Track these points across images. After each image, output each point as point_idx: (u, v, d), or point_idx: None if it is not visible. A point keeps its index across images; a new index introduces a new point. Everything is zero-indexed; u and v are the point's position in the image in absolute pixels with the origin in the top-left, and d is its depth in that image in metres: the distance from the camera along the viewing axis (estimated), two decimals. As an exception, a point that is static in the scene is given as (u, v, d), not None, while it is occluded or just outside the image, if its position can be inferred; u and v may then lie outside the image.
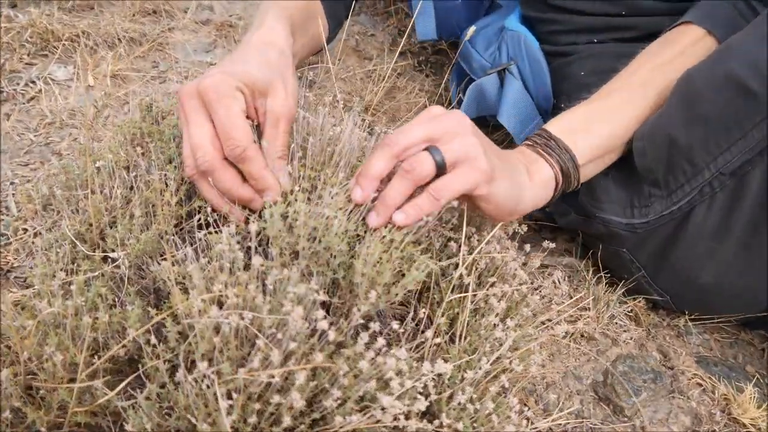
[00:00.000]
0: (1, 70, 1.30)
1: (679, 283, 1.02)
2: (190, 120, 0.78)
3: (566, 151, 0.92)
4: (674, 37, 1.01)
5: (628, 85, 0.98)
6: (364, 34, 1.77)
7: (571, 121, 0.96)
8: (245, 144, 0.76)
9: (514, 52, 1.24)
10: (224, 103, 0.76)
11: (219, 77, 0.77)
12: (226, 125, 0.76)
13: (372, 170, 0.76)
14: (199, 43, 1.57)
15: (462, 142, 0.77)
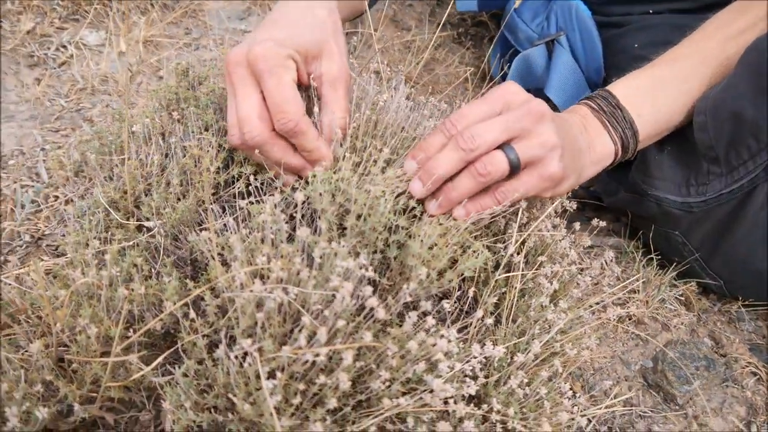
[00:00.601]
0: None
1: (735, 268, 0.97)
2: (238, 90, 0.73)
3: (630, 126, 0.88)
4: (744, 7, 0.94)
5: (697, 54, 0.92)
6: (402, 3, 1.71)
7: (639, 87, 0.90)
8: (297, 118, 0.72)
9: (564, 22, 1.19)
10: (276, 73, 0.72)
11: (269, 45, 0.72)
12: (277, 98, 0.71)
13: (440, 170, 0.71)
14: (234, 10, 1.53)
15: (539, 142, 0.73)
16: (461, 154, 0.70)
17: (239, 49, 0.73)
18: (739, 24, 0.92)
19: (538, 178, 0.74)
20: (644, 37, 1.12)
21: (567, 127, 0.81)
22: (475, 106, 0.73)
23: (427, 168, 0.71)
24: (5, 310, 0.73)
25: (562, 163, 0.74)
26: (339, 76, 0.77)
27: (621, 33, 1.16)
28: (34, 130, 1.08)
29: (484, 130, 0.70)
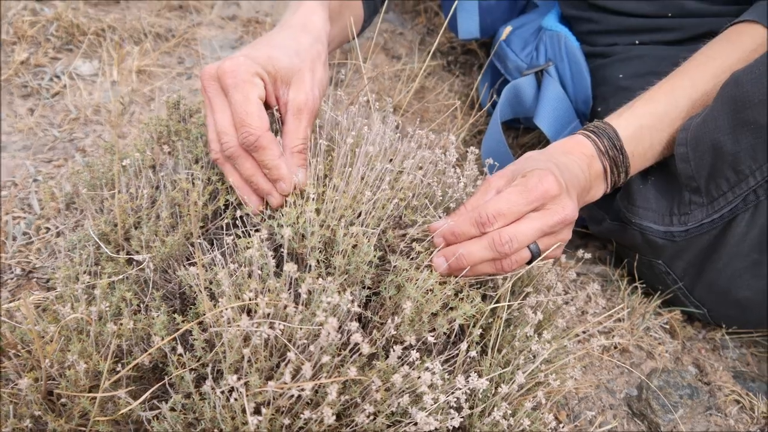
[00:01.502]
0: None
1: (717, 297, 0.98)
2: (214, 104, 0.76)
3: (626, 169, 0.91)
4: (735, 37, 0.96)
5: (692, 88, 0.94)
6: (393, 32, 1.74)
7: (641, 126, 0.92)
8: (259, 132, 0.73)
9: (553, 52, 1.21)
10: (241, 88, 0.73)
11: (239, 60, 0.74)
12: (241, 112, 0.73)
13: (471, 262, 0.74)
14: (226, 39, 1.55)
15: (562, 237, 0.78)
16: (494, 254, 0.74)
17: (213, 64, 0.76)
18: (729, 56, 0.94)
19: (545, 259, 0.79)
20: (629, 68, 1.14)
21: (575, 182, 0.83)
22: (513, 200, 0.74)
23: (460, 258, 0.74)
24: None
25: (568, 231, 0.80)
26: (304, 106, 0.78)
27: (606, 63, 1.18)
28: (26, 160, 1.09)
29: (522, 236, 0.73)
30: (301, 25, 0.86)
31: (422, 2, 1.84)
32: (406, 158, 0.88)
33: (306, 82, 0.79)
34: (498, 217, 0.73)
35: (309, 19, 0.88)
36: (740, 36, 0.96)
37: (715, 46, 0.97)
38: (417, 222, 0.83)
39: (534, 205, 0.74)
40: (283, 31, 0.85)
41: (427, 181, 0.89)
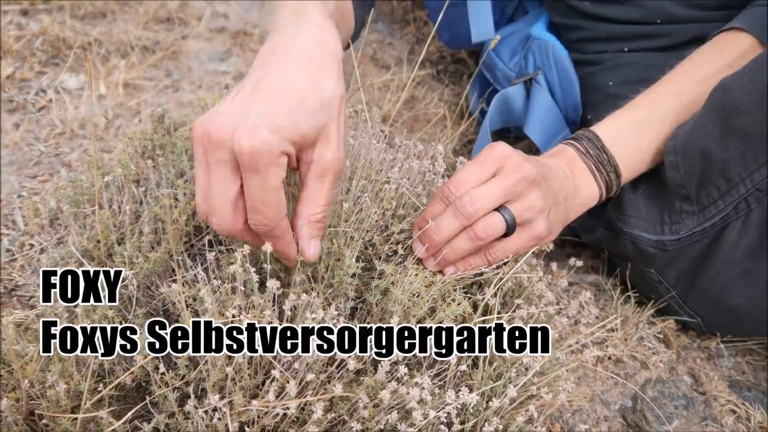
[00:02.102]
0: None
1: (710, 305, 0.97)
2: (212, 173, 0.63)
3: (614, 169, 0.91)
4: (722, 44, 0.96)
5: (676, 95, 0.94)
6: (382, 42, 1.73)
7: (622, 129, 0.93)
8: (273, 224, 0.64)
9: (541, 61, 1.20)
10: (263, 173, 0.61)
11: (266, 139, 0.61)
12: (257, 198, 0.63)
13: (440, 236, 0.75)
14: (214, 51, 1.54)
15: (530, 205, 0.77)
16: (461, 220, 0.74)
17: (226, 124, 0.62)
18: (716, 63, 0.93)
19: (526, 238, 0.79)
20: (618, 75, 1.13)
21: (553, 177, 0.83)
22: (471, 170, 0.76)
23: (429, 232, 0.75)
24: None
25: (547, 222, 0.80)
26: (330, 166, 0.67)
27: (596, 71, 1.17)
28: (11, 176, 1.08)
29: (482, 195, 0.74)
30: (315, 54, 0.70)
31: (411, 12, 1.84)
32: (392, 168, 0.87)
33: (333, 138, 0.68)
34: (459, 186, 0.75)
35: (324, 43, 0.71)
36: (727, 43, 0.96)
37: (702, 53, 0.97)
38: (404, 230, 0.83)
39: (491, 169, 0.76)
40: (297, 66, 0.68)
41: (415, 191, 0.88)
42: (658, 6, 1.11)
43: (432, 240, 0.76)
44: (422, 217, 0.78)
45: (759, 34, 0.93)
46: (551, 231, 0.82)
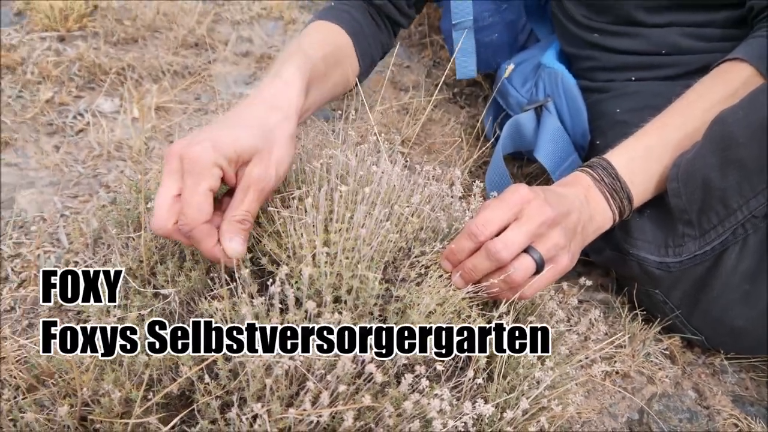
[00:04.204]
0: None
1: (713, 325, 1.03)
2: (163, 180, 0.78)
3: (627, 195, 0.96)
4: (724, 74, 1.02)
5: (683, 125, 0.99)
6: (400, 65, 1.80)
7: (634, 158, 0.98)
8: (193, 225, 0.75)
9: (551, 89, 1.26)
10: (196, 177, 0.76)
11: (204, 147, 0.76)
12: (185, 201, 0.76)
13: (477, 276, 0.83)
14: (240, 75, 1.62)
15: (554, 239, 0.84)
16: (494, 263, 0.82)
17: (179, 143, 0.78)
18: (719, 92, 0.99)
19: (553, 273, 0.86)
20: (626, 103, 1.19)
21: (572, 210, 0.89)
22: (495, 210, 0.83)
23: (467, 276, 0.84)
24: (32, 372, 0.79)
25: (570, 254, 0.87)
26: (252, 181, 0.80)
27: (604, 98, 1.23)
28: (54, 196, 1.15)
29: (513, 241, 0.81)
30: (272, 101, 0.88)
31: (428, 36, 1.91)
32: (414, 194, 0.93)
33: (263, 161, 0.81)
34: (485, 224, 0.82)
35: (282, 95, 0.90)
36: (728, 73, 1.01)
37: (705, 83, 1.02)
38: (425, 252, 0.88)
39: (513, 210, 0.83)
40: (254, 106, 0.87)
41: (434, 215, 0.94)
42: (664, 38, 1.17)
43: (468, 277, 0.83)
44: (450, 250, 0.85)
45: (758, 64, 0.99)
46: (573, 261, 0.89)
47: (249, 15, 1.88)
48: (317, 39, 1.11)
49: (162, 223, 0.76)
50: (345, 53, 1.17)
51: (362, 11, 1.24)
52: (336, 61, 1.12)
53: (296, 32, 1.84)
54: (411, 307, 0.80)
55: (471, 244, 0.83)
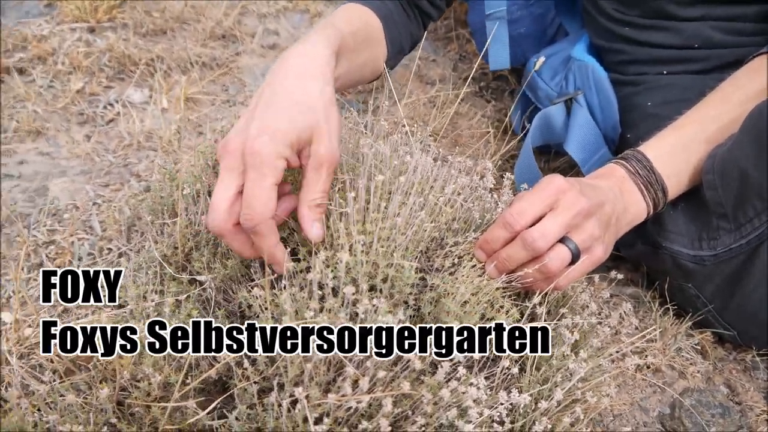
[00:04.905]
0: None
1: (746, 320, 1.02)
2: (220, 177, 0.76)
3: (662, 187, 0.96)
4: (759, 67, 1.01)
5: (718, 116, 0.99)
6: (426, 59, 1.80)
7: (669, 150, 0.98)
8: (259, 219, 0.73)
9: (581, 82, 1.26)
10: (260, 171, 0.73)
11: (264, 141, 0.74)
12: (250, 195, 0.73)
13: (513, 266, 0.83)
14: (266, 67, 1.62)
15: (589, 234, 0.84)
16: (530, 252, 0.81)
17: (236, 137, 0.75)
18: (755, 85, 0.98)
19: (588, 264, 0.86)
20: (658, 96, 1.19)
21: (606, 202, 0.88)
22: (531, 200, 0.83)
23: (502, 266, 0.83)
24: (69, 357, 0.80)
25: (604, 245, 0.87)
26: (324, 159, 0.78)
27: (636, 91, 1.22)
28: (86, 185, 1.16)
29: (549, 231, 0.81)
30: (303, 67, 0.84)
31: (454, 30, 1.90)
32: (447, 184, 0.93)
33: (324, 135, 0.79)
34: (521, 213, 0.82)
35: (311, 62, 0.85)
36: (762, 66, 1.00)
37: (739, 76, 1.02)
38: (459, 243, 0.88)
39: (548, 201, 0.82)
40: (287, 85, 0.82)
41: (467, 206, 0.94)
42: (697, 32, 1.16)
43: (502, 266, 0.83)
44: (484, 239, 0.85)
45: None
46: (607, 252, 0.89)
47: (275, 8, 1.88)
48: (347, 16, 1.10)
49: (220, 223, 0.74)
50: (375, 35, 1.16)
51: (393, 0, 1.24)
52: (366, 40, 1.10)
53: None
54: (445, 296, 0.80)
55: (506, 234, 0.83)
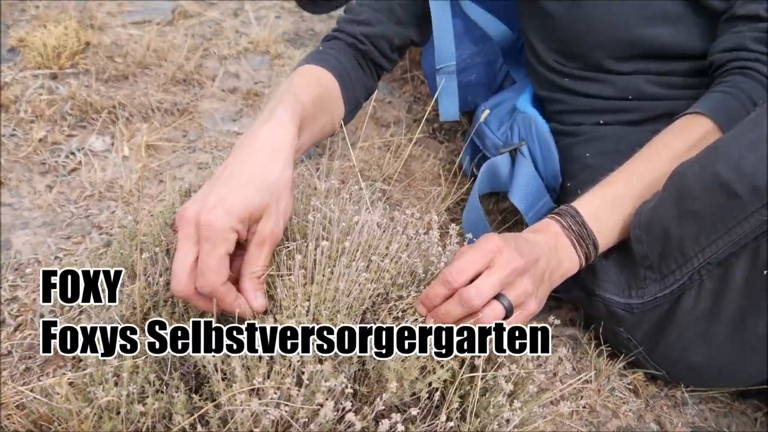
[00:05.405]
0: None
1: (673, 361, 1.10)
2: (179, 246, 0.83)
3: (593, 242, 1.03)
4: (686, 126, 1.09)
5: (647, 173, 1.07)
6: (382, 101, 1.87)
7: (600, 207, 1.06)
8: (213, 287, 0.81)
9: (525, 133, 1.33)
10: (213, 243, 0.81)
11: (218, 214, 0.81)
12: (203, 265, 0.81)
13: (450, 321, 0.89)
14: (227, 111, 1.67)
15: (523, 287, 0.91)
16: (466, 309, 0.88)
17: (192, 206, 0.83)
18: (679, 144, 1.06)
19: (521, 318, 0.93)
20: (594, 147, 1.27)
21: (541, 257, 0.95)
22: (469, 259, 0.89)
23: (440, 320, 0.90)
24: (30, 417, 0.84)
25: (537, 300, 0.95)
26: (267, 237, 0.86)
27: (575, 142, 1.31)
28: (48, 237, 1.20)
29: (485, 289, 0.88)
30: (270, 146, 0.92)
31: (409, 72, 1.98)
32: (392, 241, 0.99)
33: (273, 215, 0.87)
34: (459, 272, 0.89)
35: (278, 138, 0.93)
36: (689, 126, 1.09)
37: (668, 134, 1.10)
38: (402, 297, 0.95)
39: (485, 260, 0.89)
40: (254, 156, 0.90)
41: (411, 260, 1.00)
42: (631, 84, 1.25)
43: (441, 321, 0.90)
44: (425, 295, 0.91)
45: (716, 118, 1.06)
46: (540, 306, 0.96)
47: (236, 49, 1.94)
48: (306, 82, 1.17)
49: (184, 288, 0.82)
50: (332, 96, 1.23)
51: (348, 55, 1.30)
52: (324, 103, 1.18)
53: (282, 67, 1.91)
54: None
55: (445, 291, 0.89)
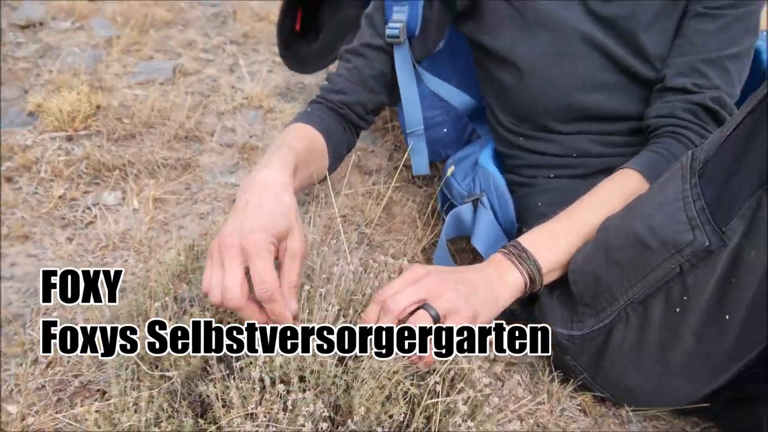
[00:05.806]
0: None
1: (612, 384, 1.26)
2: (226, 265, 0.99)
3: (534, 262, 1.18)
4: (621, 181, 1.27)
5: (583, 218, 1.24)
6: (365, 150, 2.05)
7: (539, 236, 1.22)
8: (274, 289, 0.98)
9: (485, 185, 1.52)
10: (262, 256, 0.98)
11: (259, 236, 0.99)
12: (261, 274, 0.97)
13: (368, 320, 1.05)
14: (224, 165, 1.86)
15: (446, 295, 1.05)
16: (389, 317, 1.04)
17: (231, 235, 1.00)
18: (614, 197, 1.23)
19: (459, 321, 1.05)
20: (546, 197, 1.45)
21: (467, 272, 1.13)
22: (398, 281, 1.07)
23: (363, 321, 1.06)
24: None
25: (469, 304, 1.07)
26: (297, 251, 1.05)
27: (530, 192, 1.49)
28: (70, 286, 1.38)
29: (400, 297, 1.04)
30: (273, 184, 1.10)
31: (390, 122, 2.17)
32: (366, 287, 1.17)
33: (296, 231, 1.06)
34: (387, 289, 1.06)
35: (279, 177, 1.12)
36: (624, 180, 1.27)
37: (605, 187, 1.28)
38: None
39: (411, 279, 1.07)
40: (267, 194, 1.08)
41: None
42: (575, 144, 1.43)
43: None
44: (365, 314, 1.07)
45: (646, 174, 1.25)
46: (477, 312, 1.08)
47: (232, 105, 2.13)
48: (298, 135, 1.36)
49: (239, 300, 0.98)
50: (319, 149, 1.41)
51: (331, 117, 1.49)
52: (313, 154, 1.36)
53: (274, 120, 2.10)
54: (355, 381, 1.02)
55: (376, 307, 1.06)
